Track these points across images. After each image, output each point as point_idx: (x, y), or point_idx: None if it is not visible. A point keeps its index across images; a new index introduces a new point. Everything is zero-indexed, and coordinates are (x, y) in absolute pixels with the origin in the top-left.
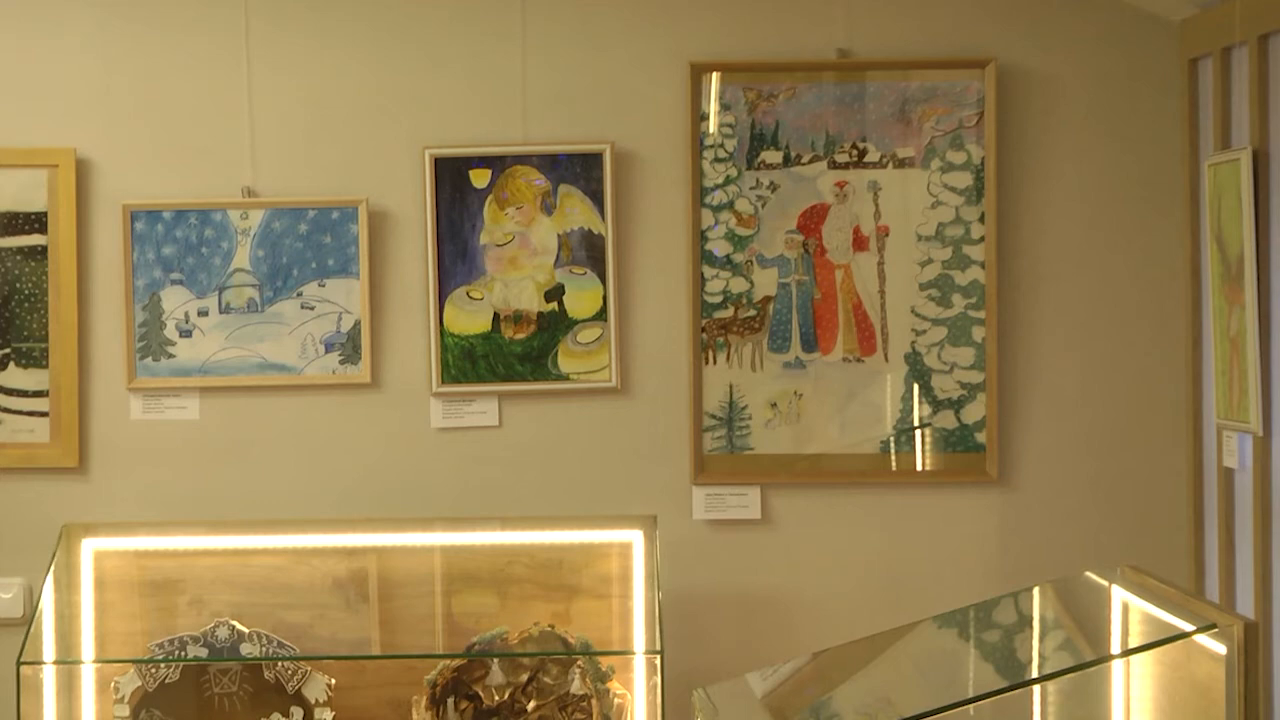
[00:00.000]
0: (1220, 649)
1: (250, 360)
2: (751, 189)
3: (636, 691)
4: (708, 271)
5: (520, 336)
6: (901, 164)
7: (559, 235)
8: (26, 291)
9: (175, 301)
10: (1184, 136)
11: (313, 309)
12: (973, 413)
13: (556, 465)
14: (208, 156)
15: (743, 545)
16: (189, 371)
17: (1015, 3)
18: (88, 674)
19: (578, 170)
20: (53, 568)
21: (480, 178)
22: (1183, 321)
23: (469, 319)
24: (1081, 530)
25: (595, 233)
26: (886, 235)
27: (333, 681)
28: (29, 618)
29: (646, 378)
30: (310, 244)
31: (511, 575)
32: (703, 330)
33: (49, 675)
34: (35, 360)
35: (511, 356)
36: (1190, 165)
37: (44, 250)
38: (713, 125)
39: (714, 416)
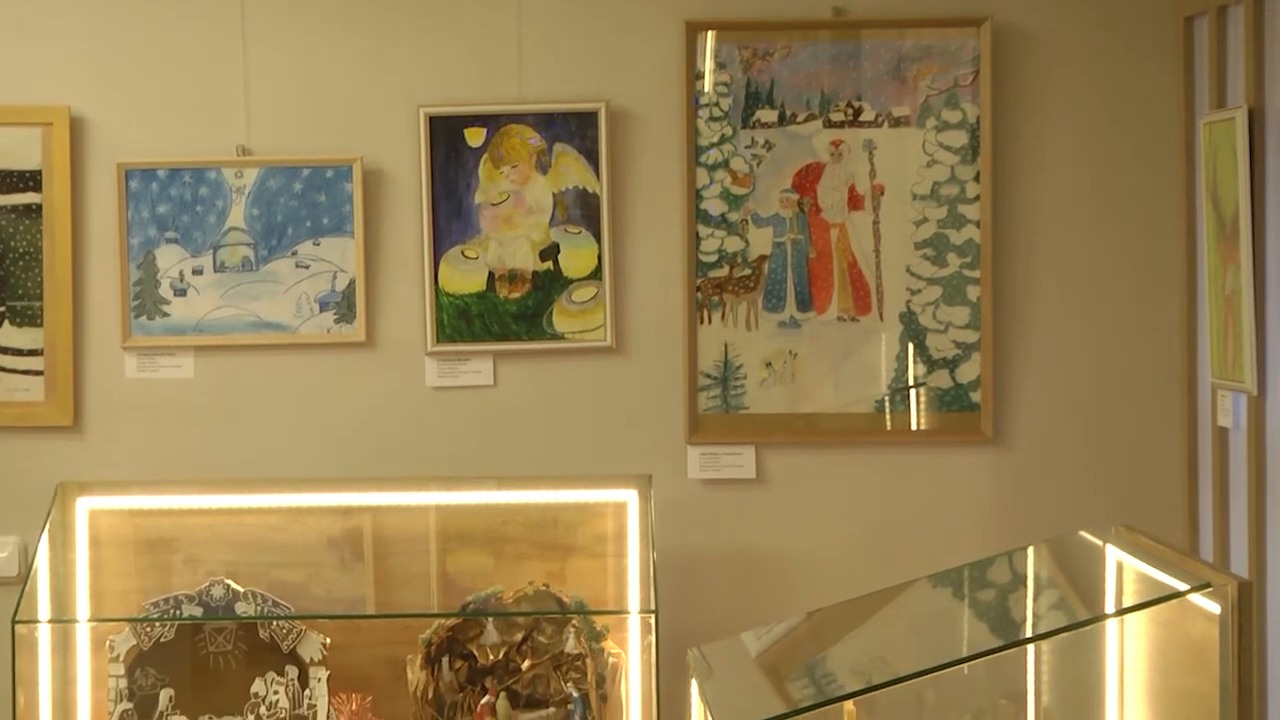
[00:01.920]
0: (1214, 608)
1: (245, 319)
2: (747, 148)
3: (631, 651)
4: (703, 230)
5: (515, 295)
6: (897, 123)
7: (554, 194)
8: (21, 250)
9: (170, 260)
10: (1179, 95)
11: (308, 268)
12: (967, 372)
13: (551, 424)
14: (202, 114)
15: (737, 505)
16: (184, 330)
17: None
18: (83, 633)
19: (573, 129)
20: (48, 526)
21: (475, 136)
22: (1177, 280)
23: (464, 278)
24: (1076, 489)
25: (590, 191)
26: (882, 194)
27: (328, 640)
28: (24, 576)
29: (642, 337)
30: (305, 202)
31: (506, 534)
32: (698, 289)
33: (44, 634)
34: (30, 319)
35: (506, 315)
36: (1185, 124)
37: (39, 208)
38: (708, 84)
39: (709, 376)
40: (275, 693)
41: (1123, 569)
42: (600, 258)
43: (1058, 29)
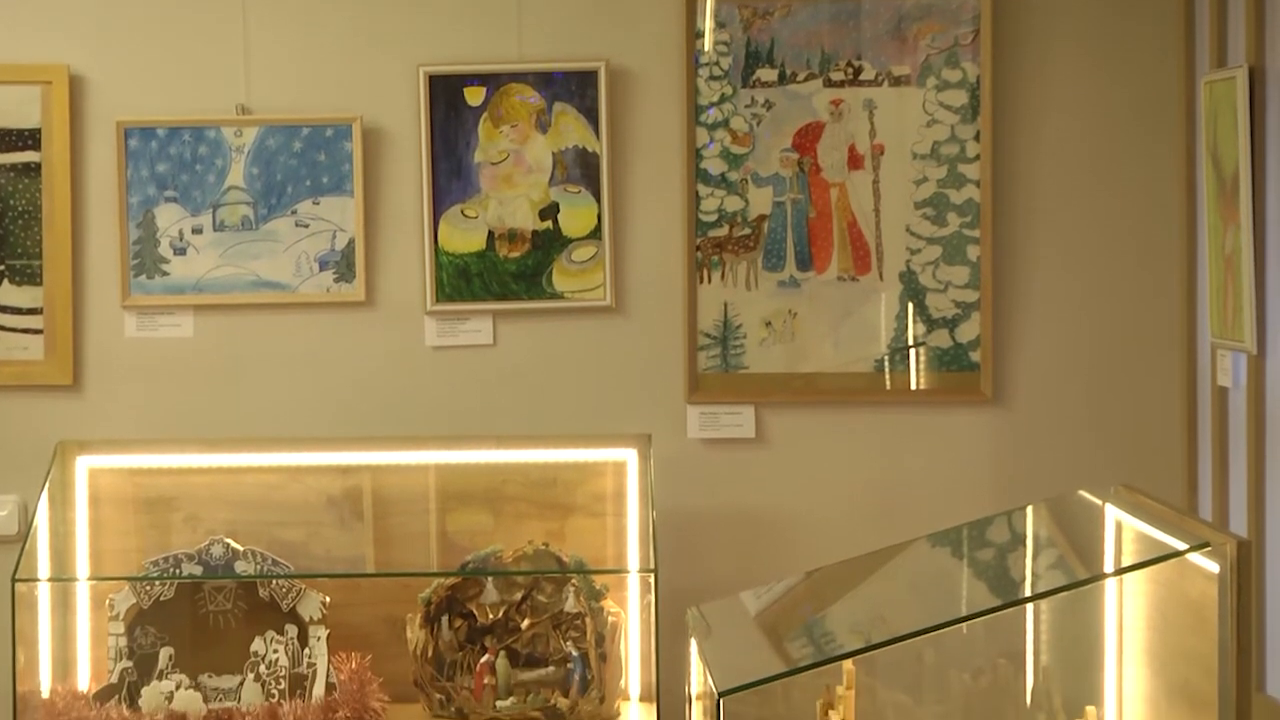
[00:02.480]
0: (1213, 567)
1: (244, 278)
2: (747, 107)
3: (630, 610)
4: (702, 190)
5: (515, 255)
6: (897, 82)
7: (554, 153)
8: (21, 208)
9: (169, 219)
10: (1180, 54)
11: (307, 227)
12: (967, 331)
13: (551, 384)
14: (202, 73)
15: (737, 464)
16: (183, 289)
17: None
18: (82, 591)
19: (573, 88)
20: (47, 485)
21: (475, 95)
22: (1178, 240)
23: (464, 237)
24: (1075, 449)
25: (590, 150)
26: (881, 154)
27: (327, 599)
28: (24, 535)
29: (641, 296)
30: (305, 161)
31: (506, 494)
32: (697, 249)
33: (44, 592)
34: (30, 277)
35: (506, 275)
36: (1186, 83)
37: (38, 167)
38: (708, 43)
39: (709, 335)
40: (275, 651)
41: (1122, 528)
42: (600, 217)
43: None
